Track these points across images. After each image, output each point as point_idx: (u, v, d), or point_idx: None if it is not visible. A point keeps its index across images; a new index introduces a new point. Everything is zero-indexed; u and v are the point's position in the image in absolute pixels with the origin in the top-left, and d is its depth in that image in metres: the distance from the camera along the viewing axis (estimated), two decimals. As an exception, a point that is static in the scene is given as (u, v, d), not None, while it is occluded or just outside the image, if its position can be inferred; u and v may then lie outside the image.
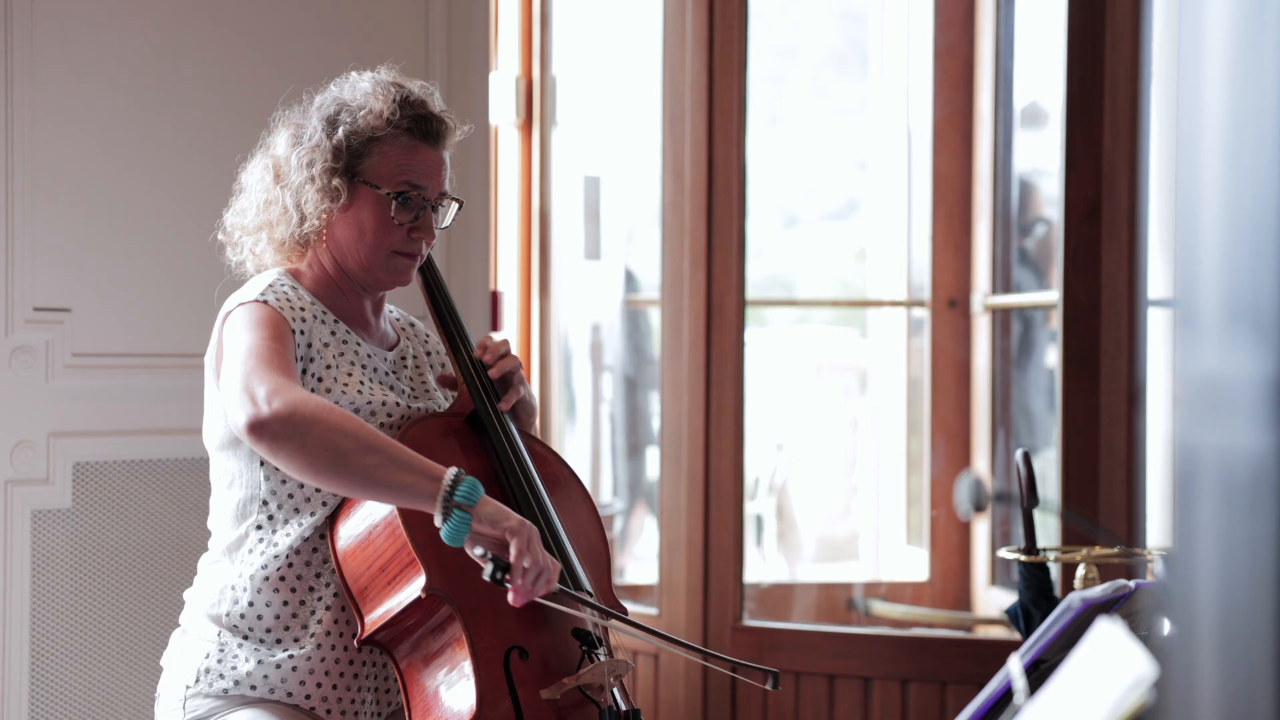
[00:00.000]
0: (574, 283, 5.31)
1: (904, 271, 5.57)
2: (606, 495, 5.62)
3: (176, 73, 3.60)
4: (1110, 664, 1.48)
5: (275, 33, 3.73)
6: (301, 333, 2.49)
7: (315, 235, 2.56)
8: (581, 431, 5.56)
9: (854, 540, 6.43)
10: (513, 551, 2.29)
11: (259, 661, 2.48)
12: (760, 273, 6.43)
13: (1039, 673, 2.15)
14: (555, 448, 3.80)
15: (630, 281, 5.57)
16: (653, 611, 4.46)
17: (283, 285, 2.54)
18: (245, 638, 2.50)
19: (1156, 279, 4.10)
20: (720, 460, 4.40)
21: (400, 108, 2.54)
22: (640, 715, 2.48)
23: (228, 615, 2.51)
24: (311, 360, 2.50)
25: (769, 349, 6.83)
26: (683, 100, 4.44)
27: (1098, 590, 2.24)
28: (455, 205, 2.62)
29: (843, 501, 6.75)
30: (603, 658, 2.46)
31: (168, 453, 3.57)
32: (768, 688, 2.49)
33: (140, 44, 3.56)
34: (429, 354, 2.74)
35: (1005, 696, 2.11)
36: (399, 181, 2.53)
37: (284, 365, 2.38)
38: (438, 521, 2.29)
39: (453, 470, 2.30)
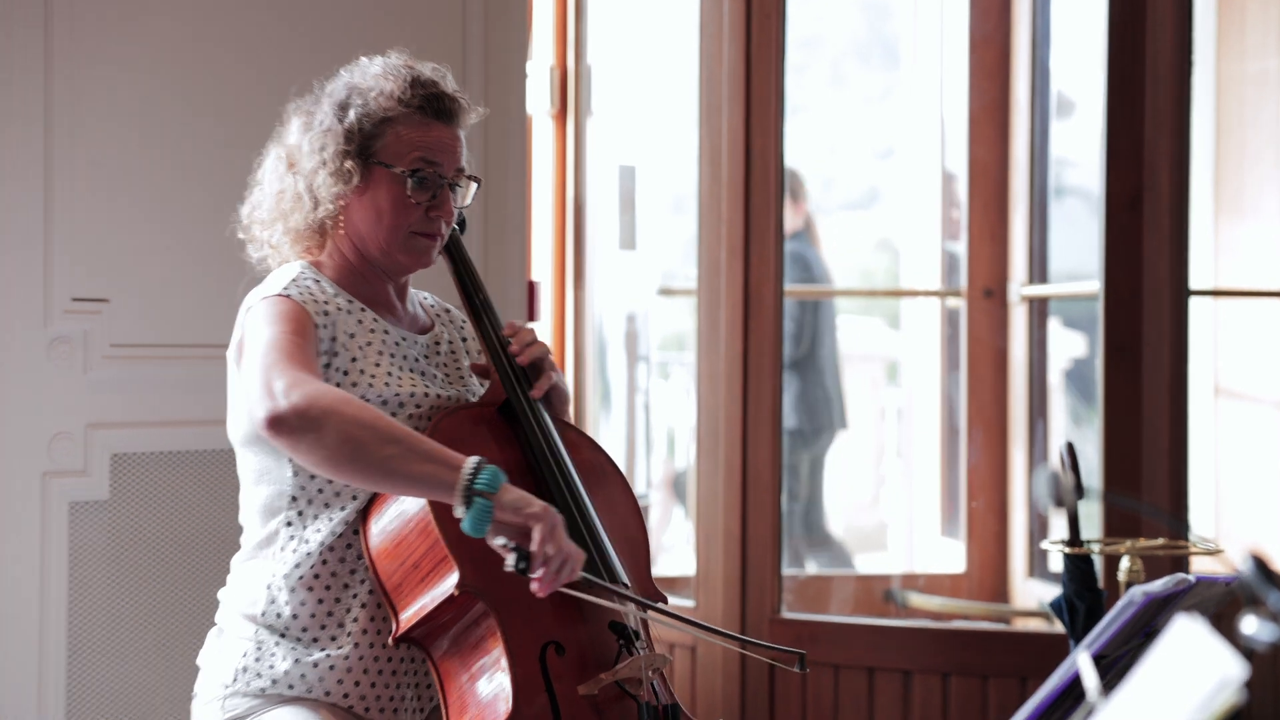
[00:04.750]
0: (609, 272, 5.30)
1: (937, 262, 5.57)
2: (641, 486, 5.62)
3: (212, 69, 3.60)
4: (1194, 663, 1.44)
5: (312, 26, 3.73)
6: (324, 326, 2.47)
7: (331, 221, 2.54)
8: (616, 421, 5.56)
9: (882, 531, 6.44)
10: (535, 539, 2.25)
11: (296, 660, 2.46)
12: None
13: (1100, 668, 2.14)
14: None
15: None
16: (690, 603, 4.44)
17: (306, 278, 2.52)
18: (282, 636, 2.48)
19: (1198, 268, 4.08)
20: (758, 451, 4.37)
21: (412, 87, 2.53)
22: (680, 709, 2.46)
23: (263, 615, 2.49)
24: (335, 354, 2.48)
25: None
26: (719, 90, 4.41)
27: (1158, 584, 2.24)
28: (474, 184, 2.60)
29: (871, 492, 6.75)
30: (641, 652, 2.43)
31: (206, 444, 3.56)
32: (795, 670, 2.46)
33: (175, 41, 3.57)
34: (464, 340, 2.72)
35: (1067, 692, 2.10)
36: (413, 159, 2.51)
37: (304, 359, 2.36)
38: (458, 511, 2.25)
39: (473, 459, 2.27)
